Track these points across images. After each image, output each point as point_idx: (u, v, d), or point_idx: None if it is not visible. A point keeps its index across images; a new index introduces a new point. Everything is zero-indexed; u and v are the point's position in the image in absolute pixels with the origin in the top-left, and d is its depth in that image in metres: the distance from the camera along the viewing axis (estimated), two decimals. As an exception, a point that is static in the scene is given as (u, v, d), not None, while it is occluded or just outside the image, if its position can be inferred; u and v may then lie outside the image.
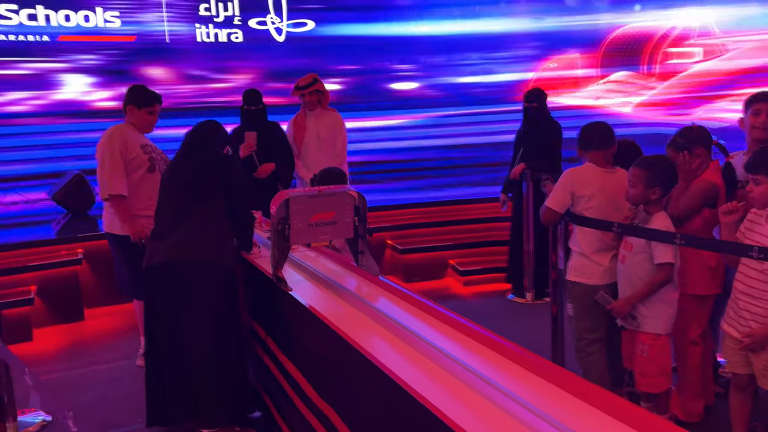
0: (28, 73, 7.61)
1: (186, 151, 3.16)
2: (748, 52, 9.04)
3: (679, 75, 9.18)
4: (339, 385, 2.18)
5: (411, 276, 5.65)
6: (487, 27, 8.97)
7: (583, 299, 3.03)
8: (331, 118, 4.82)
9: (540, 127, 4.85)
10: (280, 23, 8.78)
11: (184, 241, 2.94)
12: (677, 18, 9.14)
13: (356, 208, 2.72)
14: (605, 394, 1.56)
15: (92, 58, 7.81)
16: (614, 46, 9.19)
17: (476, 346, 1.93)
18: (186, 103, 8.14)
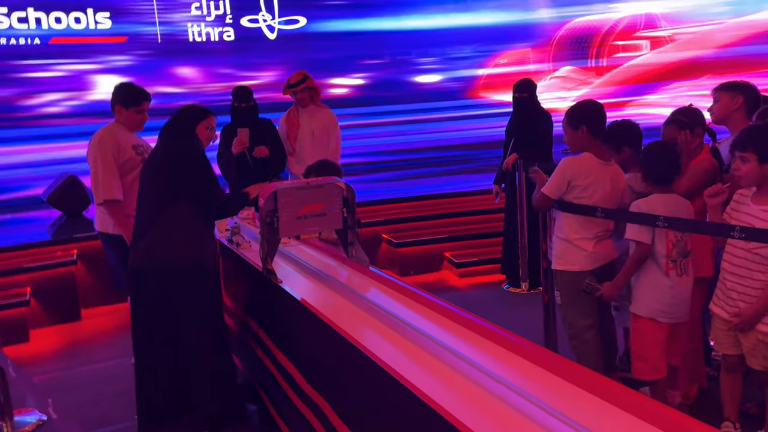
0: (63, 75, 7.74)
1: (162, 145, 3.03)
2: (681, 45, 9.07)
3: (612, 71, 9.14)
4: (331, 376, 2.19)
5: (407, 269, 5.66)
6: (446, 22, 8.93)
7: (571, 287, 3.03)
8: (326, 115, 4.83)
9: (531, 117, 4.85)
10: (271, 20, 8.77)
11: (160, 240, 2.83)
12: (624, 10, 9.10)
13: (345, 199, 2.73)
14: (599, 378, 1.57)
15: (124, 58, 7.99)
16: (565, 40, 9.14)
17: (467, 333, 1.94)
18: (216, 101, 8.26)
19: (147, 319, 2.89)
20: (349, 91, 8.98)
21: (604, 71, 9.15)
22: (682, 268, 2.76)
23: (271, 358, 2.75)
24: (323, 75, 8.20)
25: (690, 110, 3.11)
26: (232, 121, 4.63)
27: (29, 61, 7.66)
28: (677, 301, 2.78)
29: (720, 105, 3.12)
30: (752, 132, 2.56)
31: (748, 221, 2.48)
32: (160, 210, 2.86)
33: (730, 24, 9.06)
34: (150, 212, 2.90)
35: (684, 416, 1.36)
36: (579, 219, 2.98)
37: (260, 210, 2.60)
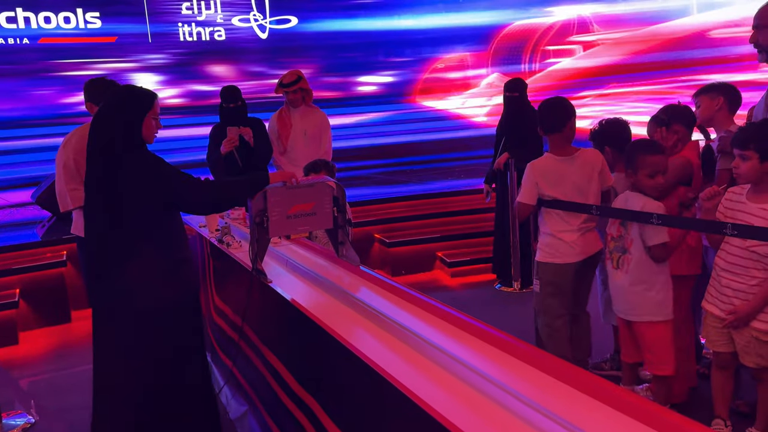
0: (99, 74, 7.82)
1: (90, 158, 2.45)
2: (600, 52, 9.13)
3: (531, 77, 9.17)
4: (321, 376, 2.18)
5: (399, 269, 5.65)
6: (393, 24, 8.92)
7: (553, 278, 3.07)
8: (318, 116, 4.82)
9: (522, 116, 4.85)
10: (263, 20, 8.75)
11: (111, 281, 2.43)
12: (558, 14, 9.13)
13: (335, 198, 2.71)
14: (591, 377, 1.55)
15: (159, 57, 8.07)
16: (502, 45, 9.15)
17: (458, 333, 1.93)
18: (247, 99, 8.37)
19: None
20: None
21: (531, 76, 9.21)
22: (620, 263, 2.83)
23: (262, 358, 2.73)
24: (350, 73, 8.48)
25: (673, 107, 3.12)
26: (221, 121, 4.61)
27: (69, 60, 7.72)
28: (616, 296, 2.89)
29: (702, 108, 3.16)
30: (752, 130, 2.56)
31: (744, 219, 2.48)
32: (108, 232, 2.42)
33: (650, 30, 9.16)
34: (98, 235, 2.46)
35: (675, 414, 1.36)
36: (559, 213, 3.03)
37: (250, 210, 2.58)
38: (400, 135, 8.59)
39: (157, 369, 2.48)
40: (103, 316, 2.50)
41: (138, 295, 2.41)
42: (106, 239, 2.44)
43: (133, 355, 2.47)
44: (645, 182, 2.75)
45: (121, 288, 2.42)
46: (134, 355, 2.46)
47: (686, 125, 3.06)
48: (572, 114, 3.05)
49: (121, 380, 2.49)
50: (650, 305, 2.77)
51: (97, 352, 2.55)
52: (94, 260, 2.51)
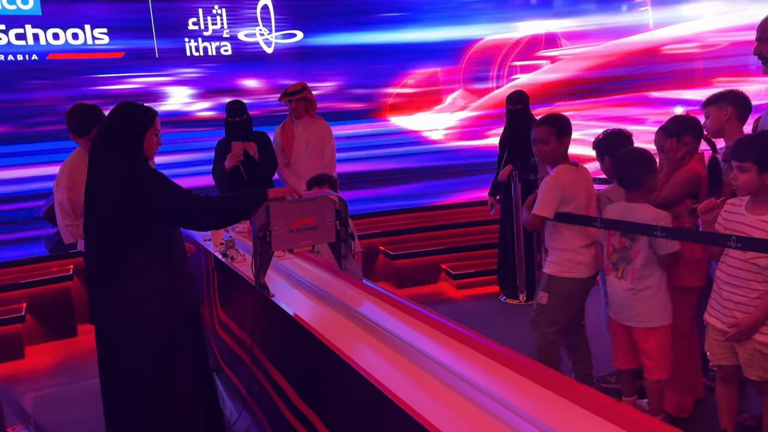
0: (137, 87, 8.00)
1: (93, 168, 2.46)
2: (556, 68, 9.14)
3: (489, 94, 9.11)
4: (324, 392, 2.18)
5: (403, 281, 5.65)
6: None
7: (570, 292, 3.08)
8: (320, 126, 4.85)
9: (525, 128, 4.85)
10: (268, 35, 8.83)
11: (111, 295, 2.45)
12: (524, 30, 9.14)
13: (337, 212, 2.72)
14: (595, 394, 1.55)
15: (193, 71, 8.25)
16: (473, 61, 9.14)
17: (462, 348, 1.93)
18: (280, 112, 8.57)
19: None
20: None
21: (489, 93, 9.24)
22: (624, 273, 2.85)
23: (265, 373, 2.74)
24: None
25: (683, 118, 3.12)
26: (226, 135, 4.64)
27: (106, 74, 7.90)
28: (617, 303, 2.90)
29: (711, 119, 3.12)
30: (750, 141, 2.56)
31: (743, 231, 2.47)
32: (126, 256, 2.42)
33: (607, 46, 9.18)
34: (97, 253, 2.48)
35: (672, 428, 1.35)
36: (577, 227, 3.04)
37: (252, 224, 2.60)
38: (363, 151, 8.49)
39: (158, 384, 2.49)
40: (100, 330, 2.54)
41: (132, 308, 2.43)
42: (102, 252, 2.47)
43: (134, 370, 2.48)
44: (650, 195, 2.83)
45: (116, 301, 2.45)
46: (135, 369, 2.48)
47: (695, 137, 3.06)
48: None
49: (126, 396, 2.52)
50: (653, 311, 2.82)
51: (101, 368, 2.58)
52: (89, 272, 2.55)
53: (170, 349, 2.52)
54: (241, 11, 8.69)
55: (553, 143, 3.08)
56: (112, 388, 2.56)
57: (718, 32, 8.54)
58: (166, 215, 2.45)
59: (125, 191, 2.39)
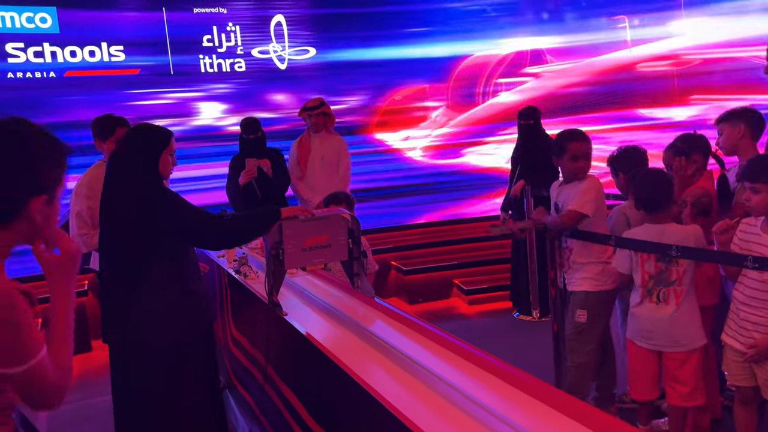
0: (171, 102, 8.20)
1: (107, 190, 2.53)
2: (536, 86, 9.10)
3: (468, 112, 9.07)
4: (335, 412, 2.17)
5: (416, 297, 5.63)
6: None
7: (605, 306, 3.09)
8: (336, 141, 4.88)
9: (536, 143, 4.86)
10: (282, 51, 8.92)
11: (129, 311, 2.48)
12: (510, 46, 9.15)
13: (350, 230, 2.73)
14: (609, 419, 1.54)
15: (225, 86, 8.43)
16: (461, 77, 9.13)
17: (475, 371, 1.91)
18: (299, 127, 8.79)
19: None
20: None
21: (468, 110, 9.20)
22: (662, 296, 2.76)
23: (277, 391, 2.74)
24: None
25: (691, 136, 3.11)
26: (241, 151, 4.68)
27: (139, 90, 8.09)
28: (654, 329, 2.79)
29: (725, 137, 3.09)
30: (763, 162, 2.54)
31: (760, 251, 2.45)
32: (126, 269, 2.48)
33: (586, 63, 9.13)
34: (114, 271, 2.53)
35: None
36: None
37: (266, 242, 2.61)
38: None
39: (168, 399, 2.52)
40: (113, 345, 2.59)
41: (146, 324, 2.46)
42: (117, 269, 2.52)
43: (145, 385, 2.52)
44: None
45: (130, 318, 2.48)
46: (146, 385, 2.51)
47: (704, 155, 3.05)
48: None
49: (136, 411, 2.56)
50: (694, 331, 2.78)
51: (113, 382, 2.63)
52: (104, 290, 2.60)
53: (181, 365, 2.55)
54: (255, 28, 8.79)
55: (590, 159, 3.12)
56: (123, 402, 2.60)
57: (693, 49, 8.60)
58: (179, 235, 2.49)
59: (140, 211, 2.44)
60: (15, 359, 1.39)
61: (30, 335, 1.41)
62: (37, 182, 1.45)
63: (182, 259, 2.55)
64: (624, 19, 8.94)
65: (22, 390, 1.44)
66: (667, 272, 2.76)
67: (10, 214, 1.43)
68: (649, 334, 2.82)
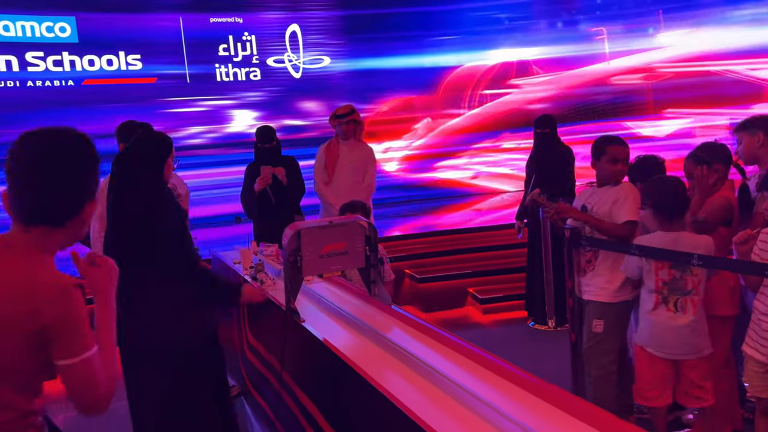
0: (204, 110, 8.45)
1: (114, 193, 2.63)
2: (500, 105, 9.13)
3: (443, 125, 9.03)
4: (353, 419, 2.17)
5: (430, 305, 5.62)
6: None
7: (622, 315, 3.08)
8: (365, 150, 4.92)
9: (552, 152, 4.85)
10: (297, 60, 8.98)
11: (133, 318, 2.53)
12: (496, 57, 9.22)
13: (367, 237, 2.74)
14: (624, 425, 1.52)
15: (257, 95, 8.67)
16: (448, 89, 9.21)
17: (489, 376, 1.91)
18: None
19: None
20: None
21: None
22: (679, 306, 2.73)
23: (293, 398, 2.74)
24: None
25: (712, 145, 3.09)
26: (256, 160, 4.71)
27: (175, 98, 8.33)
28: (668, 337, 2.76)
29: (744, 146, 3.06)
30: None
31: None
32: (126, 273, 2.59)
33: (565, 75, 9.19)
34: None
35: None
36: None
37: (283, 249, 2.62)
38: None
39: (176, 406, 2.59)
40: (123, 353, 2.65)
41: (147, 332, 2.54)
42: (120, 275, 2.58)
43: (154, 393, 2.60)
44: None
45: (132, 324, 2.55)
46: (155, 393, 2.60)
47: (725, 164, 3.02)
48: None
49: (150, 419, 2.62)
50: (705, 338, 2.79)
51: (128, 390, 2.69)
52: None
53: (186, 372, 2.61)
54: (270, 38, 8.87)
55: (627, 165, 3.11)
56: (135, 410, 2.67)
57: (669, 62, 8.64)
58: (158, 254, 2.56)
59: (141, 220, 2.55)
60: (70, 351, 1.44)
61: (85, 329, 1.46)
62: (93, 187, 1.55)
63: (181, 267, 2.63)
64: (603, 30, 8.98)
65: (74, 385, 1.48)
66: (681, 281, 2.73)
67: (70, 216, 1.52)
68: (665, 342, 2.79)
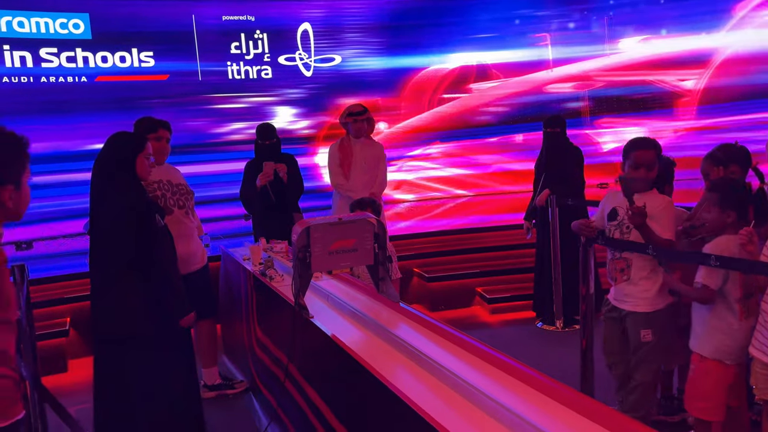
0: (245, 106, 8.53)
1: (96, 195, 2.83)
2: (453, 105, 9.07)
3: (393, 126, 9.00)
4: (361, 413, 2.19)
5: (437, 304, 5.62)
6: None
7: (665, 320, 3.00)
8: (376, 147, 4.96)
9: (562, 152, 4.84)
10: (308, 59, 9.01)
11: (106, 310, 2.83)
12: (455, 61, 9.13)
13: (376, 235, 2.75)
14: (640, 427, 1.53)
15: (297, 91, 8.75)
16: (411, 91, 9.15)
17: (498, 374, 1.92)
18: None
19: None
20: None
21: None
22: (749, 309, 2.69)
23: (302, 393, 2.76)
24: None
25: (730, 147, 3.07)
26: (256, 156, 4.73)
27: (218, 94, 8.45)
28: (745, 344, 2.69)
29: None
30: None
31: None
32: (106, 269, 2.81)
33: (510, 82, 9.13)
34: (98, 270, 2.84)
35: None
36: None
37: (293, 245, 2.65)
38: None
39: (143, 397, 2.81)
40: (100, 344, 2.92)
41: (114, 323, 2.79)
42: (95, 267, 2.83)
43: (122, 383, 2.83)
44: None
45: (100, 317, 2.84)
46: (124, 383, 2.83)
47: (742, 166, 3.01)
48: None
49: (116, 413, 2.91)
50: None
51: (95, 380, 2.99)
52: (92, 287, 2.90)
53: (156, 364, 2.81)
54: (282, 36, 8.90)
55: (655, 169, 2.98)
56: (102, 404, 2.95)
57: (605, 70, 8.69)
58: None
59: (112, 219, 2.75)
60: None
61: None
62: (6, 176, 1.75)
63: (151, 263, 2.78)
64: (546, 36, 8.99)
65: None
66: (748, 283, 2.69)
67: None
68: (741, 350, 2.71)
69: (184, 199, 3.78)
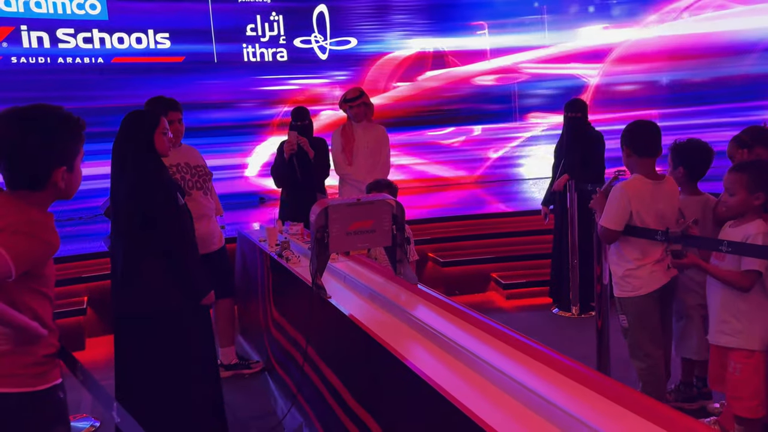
0: (294, 88, 8.81)
1: (117, 175, 2.80)
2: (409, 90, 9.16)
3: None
4: (379, 394, 2.18)
5: (452, 289, 5.61)
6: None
7: (640, 312, 2.95)
8: (378, 131, 4.92)
9: (583, 137, 4.78)
10: (323, 41, 8.96)
11: (127, 288, 2.77)
12: (414, 47, 9.20)
13: (394, 216, 2.73)
14: (662, 408, 1.51)
15: (345, 73, 8.97)
16: (374, 77, 9.21)
17: (516, 354, 1.90)
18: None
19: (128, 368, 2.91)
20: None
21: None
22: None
23: (319, 374, 2.76)
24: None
25: (757, 129, 3.00)
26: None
27: (268, 76, 8.67)
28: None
29: None
30: None
31: None
32: (125, 245, 2.75)
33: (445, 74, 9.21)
34: (119, 247, 2.79)
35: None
36: (640, 244, 2.89)
37: (311, 226, 2.63)
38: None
39: (162, 378, 2.78)
40: (119, 321, 2.86)
41: (138, 300, 2.76)
42: (117, 245, 2.80)
43: (143, 362, 2.79)
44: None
45: (122, 295, 2.80)
46: (144, 362, 2.79)
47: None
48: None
49: (137, 389, 2.83)
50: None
51: (117, 358, 2.90)
52: (113, 266, 2.88)
53: (175, 343, 2.79)
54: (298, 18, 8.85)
55: (623, 156, 3.04)
56: (124, 380, 2.87)
57: (534, 63, 8.59)
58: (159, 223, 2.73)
59: (132, 199, 2.72)
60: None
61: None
62: (62, 156, 1.76)
63: (172, 242, 2.76)
64: (484, 25, 8.91)
65: None
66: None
67: (39, 183, 1.75)
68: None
69: (202, 180, 3.78)
